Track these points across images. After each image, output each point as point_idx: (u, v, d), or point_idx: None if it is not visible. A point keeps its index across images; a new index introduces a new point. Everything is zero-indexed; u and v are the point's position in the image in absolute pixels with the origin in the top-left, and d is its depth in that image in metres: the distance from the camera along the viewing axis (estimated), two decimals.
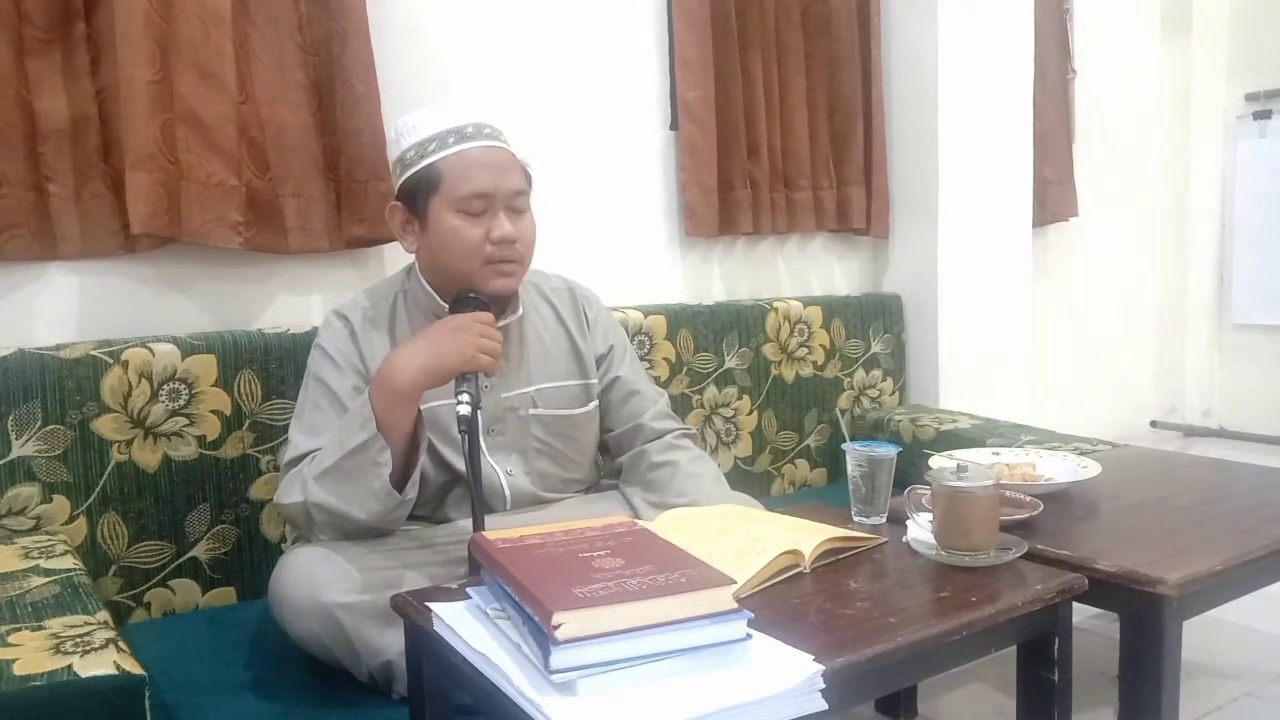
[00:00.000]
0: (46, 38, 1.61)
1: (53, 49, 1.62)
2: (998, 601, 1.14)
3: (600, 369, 1.68)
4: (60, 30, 1.63)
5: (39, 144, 1.61)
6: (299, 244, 1.85)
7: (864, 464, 1.45)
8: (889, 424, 2.46)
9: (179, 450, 1.65)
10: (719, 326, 2.31)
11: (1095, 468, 1.69)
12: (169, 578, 1.66)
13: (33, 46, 1.60)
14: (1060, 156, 3.11)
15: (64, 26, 1.63)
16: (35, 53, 1.60)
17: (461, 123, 1.48)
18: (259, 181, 1.80)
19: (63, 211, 1.64)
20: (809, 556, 1.24)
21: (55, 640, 1.06)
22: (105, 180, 1.68)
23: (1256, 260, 3.54)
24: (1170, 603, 1.27)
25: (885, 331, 2.62)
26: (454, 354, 1.35)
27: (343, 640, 1.30)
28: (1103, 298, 3.45)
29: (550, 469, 1.62)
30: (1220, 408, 3.70)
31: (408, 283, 1.59)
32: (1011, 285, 2.77)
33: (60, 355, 1.57)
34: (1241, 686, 2.01)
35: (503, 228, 1.46)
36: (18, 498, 1.53)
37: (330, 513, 1.36)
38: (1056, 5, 3.09)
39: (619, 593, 0.94)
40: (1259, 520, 1.51)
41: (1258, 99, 3.51)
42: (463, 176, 1.46)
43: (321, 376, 1.50)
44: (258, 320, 1.86)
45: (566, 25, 2.23)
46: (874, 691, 1.44)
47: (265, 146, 1.81)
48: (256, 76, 1.80)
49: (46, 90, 1.62)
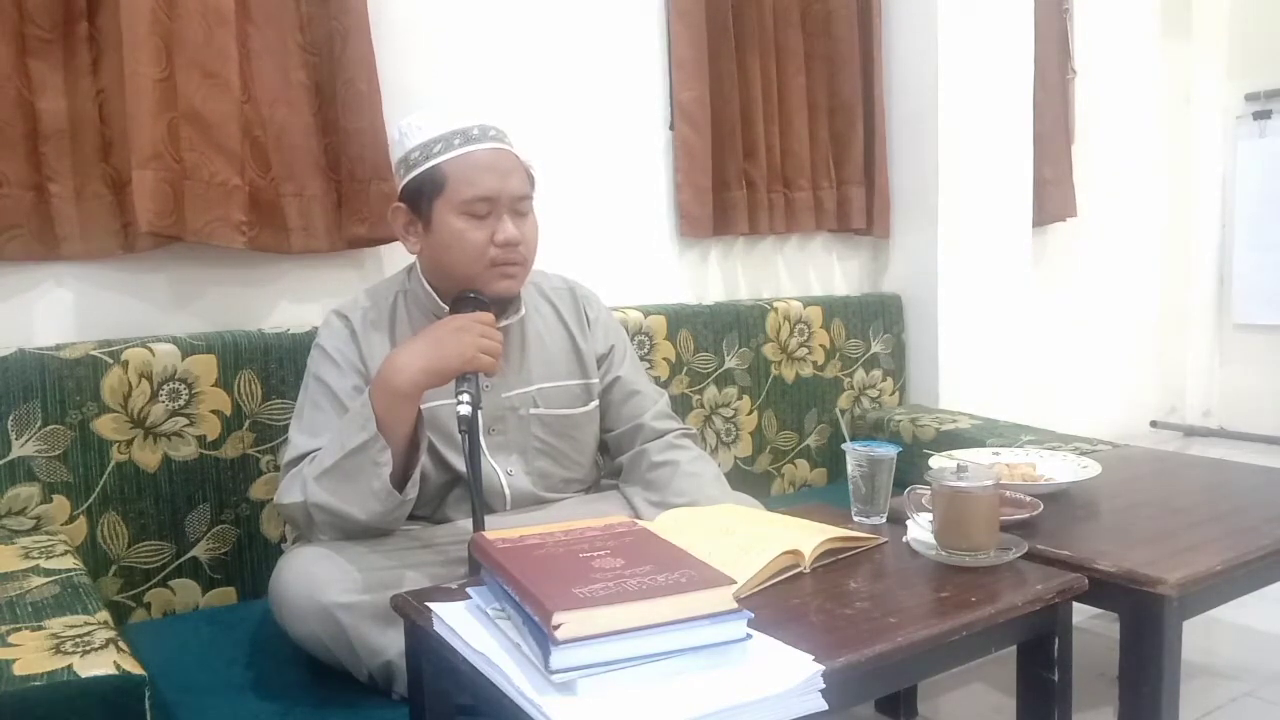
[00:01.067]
0: (48, 37, 1.61)
1: (54, 48, 1.62)
2: (998, 601, 1.14)
3: (601, 369, 1.68)
4: (62, 30, 1.63)
5: (40, 144, 1.61)
6: (301, 244, 1.85)
7: (864, 464, 1.45)
8: (889, 424, 2.46)
9: (179, 450, 1.65)
10: (719, 326, 2.31)
11: (1095, 468, 1.69)
12: (169, 578, 1.66)
13: (34, 46, 1.60)
14: (1060, 156, 3.11)
15: (66, 26, 1.63)
16: (37, 52, 1.60)
17: (466, 124, 1.48)
18: (261, 181, 1.80)
19: (63, 211, 1.64)
20: (809, 556, 1.24)
21: (55, 640, 1.06)
22: (106, 180, 1.68)
23: (1256, 260, 3.54)
24: (1170, 603, 1.27)
25: (885, 331, 2.62)
26: (455, 354, 1.35)
27: (343, 640, 1.30)
28: (1103, 298, 3.45)
29: (550, 469, 1.62)
30: (1220, 408, 3.70)
31: (408, 283, 1.59)
32: (1011, 285, 2.77)
33: (60, 355, 1.57)
34: (1241, 686, 2.01)
35: (507, 231, 1.46)
36: (18, 498, 1.53)
37: (330, 513, 1.36)
38: (1056, 5, 3.09)
39: (619, 593, 0.94)
40: (1259, 520, 1.51)
41: (1258, 99, 3.51)
42: (468, 179, 1.45)
43: (321, 376, 1.50)
44: (258, 320, 1.86)
45: (567, 24, 2.23)
46: (874, 691, 1.44)
47: (267, 146, 1.81)
48: (258, 76, 1.80)
49: (48, 90, 1.61)
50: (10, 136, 1.58)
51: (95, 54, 1.66)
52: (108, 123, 1.67)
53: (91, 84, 1.65)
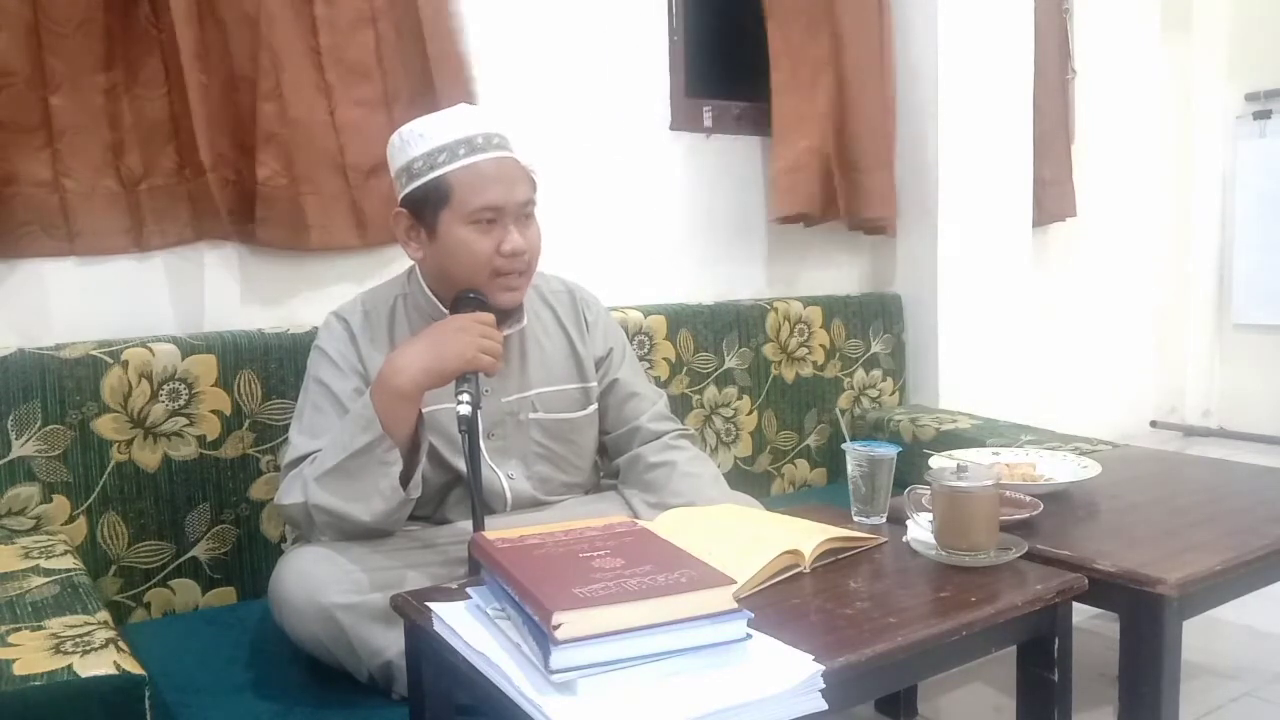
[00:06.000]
0: (63, 33, 1.60)
1: (70, 45, 1.61)
2: (998, 601, 1.14)
3: (599, 372, 1.68)
4: (78, 26, 1.62)
5: (55, 140, 1.61)
6: (320, 241, 1.87)
7: (864, 464, 1.45)
8: (889, 424, 2.45)
9: (179, 450, 1.65)
10: (719, 326, 2.31)
11: (1095, 468, 1.69)
12: (169, 578, 1.66)
13: (50, 42, 1.59)
14: (1060, 156, 3.10)
15: (82, 22, 1.62)
16: (52, 49, 1.60)
17: (471, 133, 1.47)
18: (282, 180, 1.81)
19: (77, 208, 1.65)
20: (809, 556, 1.24)
21: (55, 640, 1.06)
22: (118, 177, 1.68)
23: (1256, 260, 3.54)
24: (1170, 603, 1.27)
25: (885, 331, 2.62)
26: (455, 354, 1.35)
27: (342, 641, 1.30)
28: (1102, 297, 3.45)
29: (550, 473, 1.62)
30: (1220, 408, 3.69)
31: (408, 286, 1.58)
32: (1011, 285, 2.77)
33: (60, 355, 1.57)
34: (1241, 686, 2.01)
35: (513, 241, 1.46)
36: (18, 498, 1.53)
37: (331, 514, 1.36)
38: (1056, 5, 3.09)
39: (619, 593, 0.94)
40: (1259, 520, 1.51)
41: (1258, 99, 3.51)
42: (474, 190, 1.45)
43: (322, 378, 1.50)
44: (258, 320, 1.86)
45: (567, 23, 2.23)
46: (874, 691, 1.44)
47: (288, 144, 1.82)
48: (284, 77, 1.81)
49: (63, 86, 1.61)
50: (24, 132, 1.58)
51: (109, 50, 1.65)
52: (118, 120, 1.67)
53: (104, 80, 1.65)
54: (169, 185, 1.73)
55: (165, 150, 1.72)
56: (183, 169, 1.73)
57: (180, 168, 1.73)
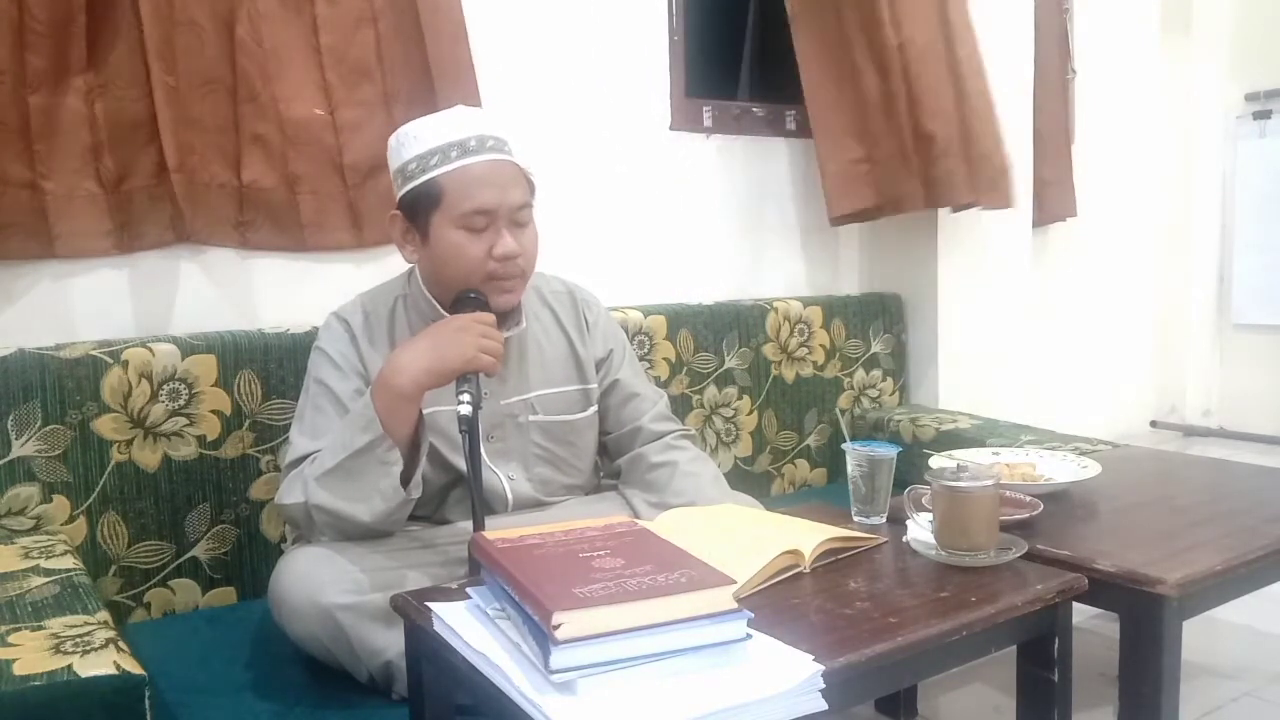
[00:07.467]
0: (45, 32, 1.60)
1: (50, 44, 1.60)
2: (998, 601, 1.14)
3: (600, 373, 1.67)
4: (59, 25, 1.61)
5: (35, 141, 1.61)
6: (314, 241, 1.87)
7: (864, 464, 1.45)
8: (889, 424, 2.45)
9: (179, 450, 1.65)
10: (719, 326, 2.31)
11: (1095, 468, 1.69)
12: (169, 578, 1.66)
13: (31, 41, 1.59)
14: (1060, 156, 3.10)
15: (63, 22, 1.62)
16: (34, 47, 1.59)
17: (463, 135, 1.46)
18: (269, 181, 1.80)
19: (58, 210, 1.63)
20: (809, 556, 1.24)
21: (55, 640, 1.06)
22: (98, 179, 1.67)
23: (1256, 260, 3.54)
24: (1170, 603, 1.27)
25: (885, 331, 2.62)
26: (455, 354, 1.35)
27: (342, 641, 1.30)
28: (1102, 298, 3.44)
29: (551, 475, 1.62)
30: (1220, 408, 3.69)
31: (408, 288, 1.58)
32: (1011, 285, 2.77)
33: (60, 355, 1.57)
34: (1241, 686, 2.01)
35: (505, 245, 1.45)
36: (18, 498, 1.53)
37: (331, 514, 1.36)
38: (1056, 5, 3.09)
39: (619, 593, 0.94)
40: (1259, 520, 1.51)
41: (1258, 99, 3.51)
42: (465, 193, 1.44)
43: (322, 379, 1.49)
44: (258, 320, 1.86)
45: (567, 23, 2.23)
46: (874, 691, 1.44)
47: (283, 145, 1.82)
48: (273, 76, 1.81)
49: (43, 86, 1.60)
50: (5, 133, 1.57)
51: (90, 49, 1.64)
52: (99, 121, 1.66)
53: (84, 81, 1.64)
54: (148, 186, 1.71)
55: (146, 151, 1.70)
56: (163, 170, 1.71)
57: (161, 169, 1.71)
